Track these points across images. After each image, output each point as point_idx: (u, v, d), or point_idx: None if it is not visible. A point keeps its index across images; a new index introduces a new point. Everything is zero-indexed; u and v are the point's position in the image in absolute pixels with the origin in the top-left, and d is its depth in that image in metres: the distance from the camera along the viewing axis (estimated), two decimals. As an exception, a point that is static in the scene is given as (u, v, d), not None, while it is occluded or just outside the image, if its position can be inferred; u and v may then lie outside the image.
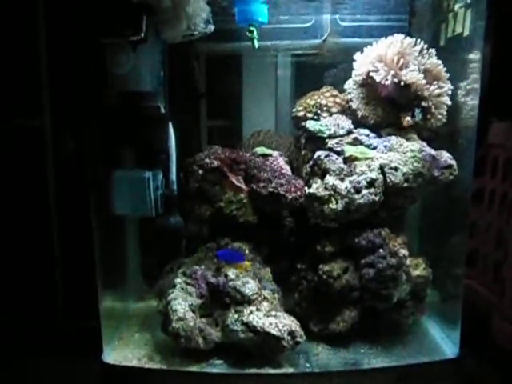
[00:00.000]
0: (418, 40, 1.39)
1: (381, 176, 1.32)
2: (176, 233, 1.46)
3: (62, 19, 1.68)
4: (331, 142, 1.42)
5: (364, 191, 1.30)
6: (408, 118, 1.39)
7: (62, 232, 1.86)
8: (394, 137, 1.40)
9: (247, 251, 1.41)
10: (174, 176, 1.41)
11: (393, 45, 1.38)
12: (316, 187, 1.33)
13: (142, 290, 1.61)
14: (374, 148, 1.40)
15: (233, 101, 1.76)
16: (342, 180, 1.32)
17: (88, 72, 1.33)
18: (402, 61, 1.36)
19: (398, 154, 1.35)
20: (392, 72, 1.35)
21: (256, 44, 1.39)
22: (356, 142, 1.41)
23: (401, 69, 1.36)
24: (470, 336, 1.35)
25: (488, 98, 1.34)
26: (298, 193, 1.38)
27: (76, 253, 1.82)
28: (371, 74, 1.40)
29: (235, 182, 1.42)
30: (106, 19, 1.22)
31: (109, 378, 1.32)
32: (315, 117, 1.50)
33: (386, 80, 1.36)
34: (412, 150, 1.35)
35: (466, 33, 1.33)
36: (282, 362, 1.28)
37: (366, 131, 1.44)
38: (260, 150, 1.52)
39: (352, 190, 1.30)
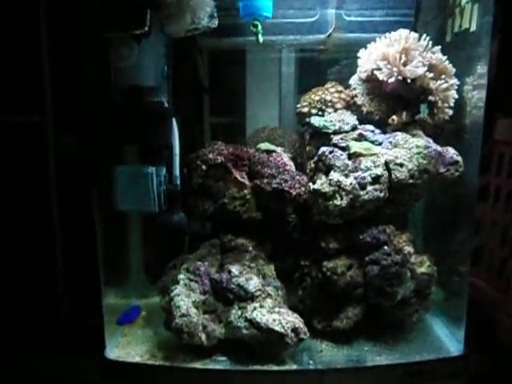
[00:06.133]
0: (424, 35, 1.38)
1: (386, 172, 1.31)
2: (179, 229, 1.45)
3: (65, 14, 1.67)
4: (336, 138, 1.41)
5: (369, 187, 1.29)
6: (394, 117, 1.38)
7: (65, 229, 1.86)
8: (399, 133, 1.39)
9: (251, 248, 1.41)
10: (177, 172, 1.40)
11: (396, 42, 1.37)
12: (320, 183, 1.33)
13: (145, 287, 1.61)
14: (379, 144, 1.39)
15: (236, 96, 1.75)
16: (347, 176, 1.32)
17: (91, 67, 1.32)
18: (405, 57, 1.35)
19: (403, 150, 1.34)
20: (395, 69, 1.34)
21: (260, 39, 1.37)
22: (361, 137, 1.40)
23: (405, 65, 1.35)
24: (475, 334, 1.34)
25: (494, 94, 1.32)
26: (302, 189, 1.37)
27: (78, 250, 1.82)
28: (375, 72, 1.39)
29: (239, 177, 1.41)
30: (110, 13, 1.21)
31: (112, 375, 1.32)
32: (320, 113, 1.50)
33: (390, 78, 1.35)
34: (417, 146, 1.33)
35: (473, 28, 1.32)
36: (285, 359, 1.27)
37: (371, 127, 1.43)
38: (264, 145, 1.51)
39: (357, 186, 1.29)
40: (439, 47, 1.38)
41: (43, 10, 1.72)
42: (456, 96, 1.37)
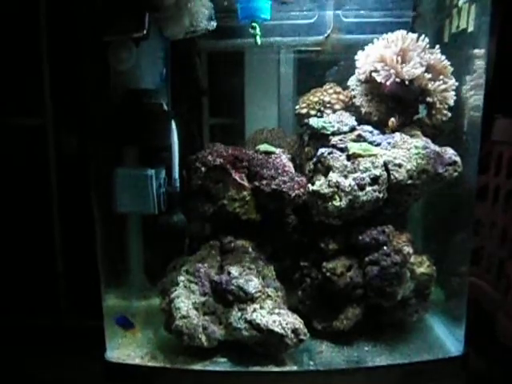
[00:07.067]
0: (422, 36, 1.38)
1: (385, 173, 1.31)
2: (179, 231, 1.45)
3: (64, 16, 1.68)
4: (334, 139, 1.41)
5: (368, 188, 1.29)
6: (393, 119, 1.39)
7: (65, 230, 1.86)
8: (397, 133, 1.40)
9: (250, 249, 1.41)
10: (176, 174, 1.40)
11: (393, 43, 1.38)
12: (319, 184, 1.33)
13: (145, 288, 1.61)
14: (378, 145, 1.39)
15: (235, 98, 1.75)
16: (346, 177, 1.32)
17: (90, 69, 1.33)
18: (403, 58, 1.36)
19: (401, 151, 1.34)
20: (392, 71, 1.35)
21: (259, 41, 1.38)
22: (359, 138, 1.41)
23: (403, 65, 1.36)
24: (475, 334, 1.35)
25: (492, 94, 1.33)
26: (301, 190, 1.37)
27: (78, 251, 1.82)
28: (372, 74, 1.39)
29: (238, 179, 1.42)
30: (109, 16, 1.22)
31: (112, 376, 1.32)
32: (318, 114, 1.50)
33: (387, 80, 1.36)
34: (416, 147, 1.34)
35: (471, 28, 1.32)
36: (285, 360, 1.27)
37: (370, 128, 1.43)
38: (263, 147, 1.51)
39: (356, 187, 1.29)
40: (438, 47, 1.38)
41: (43, 12, 1.73)
42: (454, 97, 1.37)
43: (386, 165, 1.32)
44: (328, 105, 1.50)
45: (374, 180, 1.30)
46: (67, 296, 1.87)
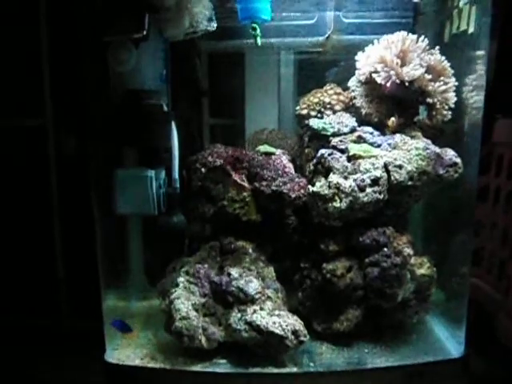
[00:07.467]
0: (421, 37, 1.38)
1: (385, 174, 1.31)
2: (178, 232, 1.45)
3: (64, 17, 1.68)
4: (335, 140, 1.41)
5: (368, 189, 1.29)
6: (393, 119, 1.39)
7: (65, 232, 1.86)
8: (398, 135, 1.39)
9: (250, 250, 1.41)
10: (176, 174, 1.40)
11: (393, 44, 1.37)
12: (320, 185, 1.33)
13: (145, 289, 1.61)
14: (378, 146, 1.39)
15: (235, 99, 1.75)
16: (346, 178, 1.32)
17: (90, 69, 1.32)
18: (403, 59, 1.35)
19: (402, 152, 1.34)
20: (393, 72, 1.34)
21: (259, 41, 1.38)
22: (360, 139, 1.40)
23: (403, 66, 1.35)
24: (476, 335, 1.34)
25: (493, 95, 1.33)
26: (302, 191, 1.37)
27: (78, 252, 1.82)
28: (373, 75, 1.39)
29: (238, 180, 1.41)
30: (109, 17, 1.22)
31: (111, 378, 1.32)
32: (319, 115, 1.50)
33: (388, 81, 1.35)
34: (417, 148, 1.33)
35: (471, 30, 1.32)
36: (285, 362, 1.27)
37: (370, 129, 1.43)
38: (263, 148, 1.51)
39: (356, 189, 1.29)
40: (437, 48, 1.38)
41: (43, 12, 1.73)
42: (454, 98, 1.37)
43: (386, 166, 1.32)
44: (328, 106, 1.49)
45: (375, 181, 1.29)
46: (67, 297, 1.87)
